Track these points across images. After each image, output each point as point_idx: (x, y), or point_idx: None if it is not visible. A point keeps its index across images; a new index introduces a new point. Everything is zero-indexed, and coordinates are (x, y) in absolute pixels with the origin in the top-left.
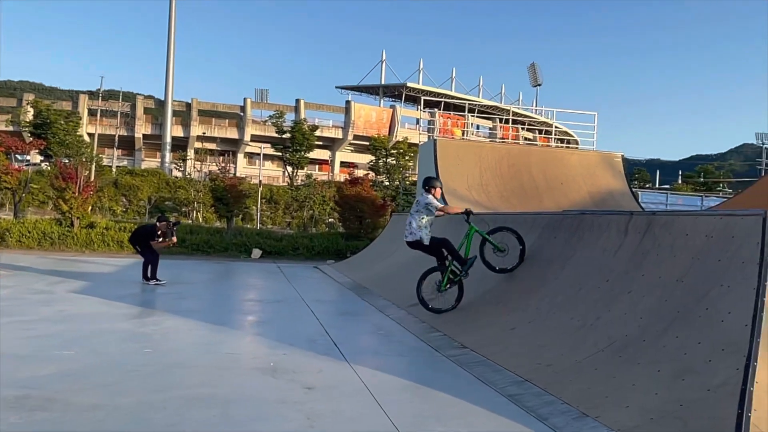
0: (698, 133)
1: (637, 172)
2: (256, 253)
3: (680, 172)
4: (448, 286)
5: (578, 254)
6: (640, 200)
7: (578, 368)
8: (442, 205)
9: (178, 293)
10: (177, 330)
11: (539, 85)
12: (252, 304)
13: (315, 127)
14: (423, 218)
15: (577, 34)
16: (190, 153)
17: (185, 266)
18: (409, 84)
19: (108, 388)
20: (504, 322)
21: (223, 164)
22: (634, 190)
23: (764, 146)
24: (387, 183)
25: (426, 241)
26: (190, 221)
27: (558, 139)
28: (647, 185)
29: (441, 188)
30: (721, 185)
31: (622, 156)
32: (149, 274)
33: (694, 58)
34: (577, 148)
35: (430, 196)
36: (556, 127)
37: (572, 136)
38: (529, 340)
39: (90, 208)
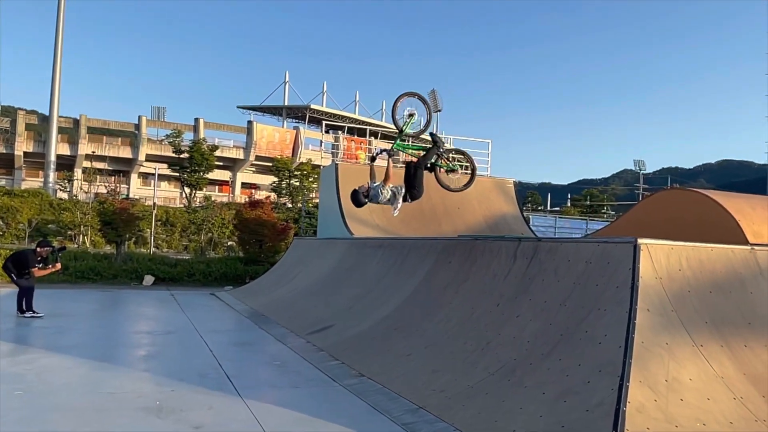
0: (585, 159)
1: (530, 195)
2: (149, 279)
3: (569, 195)
4: (452, 161)
5: (471, 279)
6: (531, 224)
7: (470, 393)
8: (378, 181)
9: (57, 327)
10: (54, 368)
11: (439, 111)
12: (140, 337)
13: (215, 147)
14: (396, 203)
15: (475, 53)
16: (78, 173)
17: (67, 296)
18: (312, 106)
19: None
20: (401, 348)
21: (113, 185)
22: (525, 214)
23: (641, 172)
24: (290, 205)
25: (412, 183)
26: (76, 246)
27: (462, 166)
28: (539, 207)
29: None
30: (605, 208)
31: (514, 182)
32: (24, 306)
33: (577, 89)
34: None
35: (373, 192)
36: (459, 153)
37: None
38: (425, 365)
39: None
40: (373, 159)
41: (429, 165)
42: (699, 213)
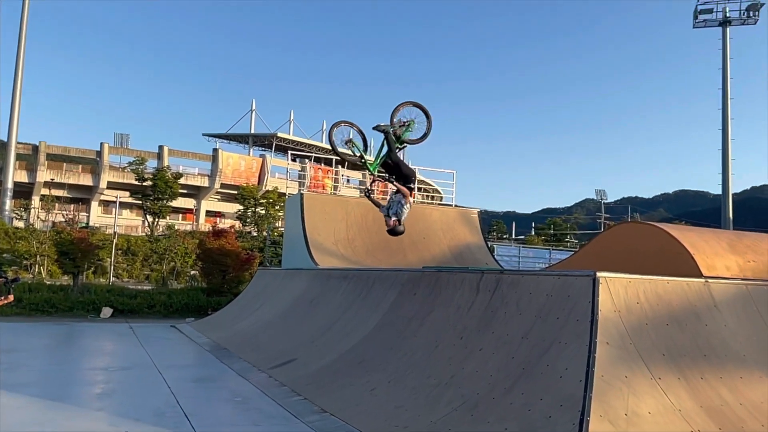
0: (549, 188)
1: (495, 224)
2: (107, 311)
3: (533, 224)
4: (402, 124)
5: (436, 311)
6: (495, 253)
7: (433, 429)
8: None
9: (7, 363)
10: (4, 408)
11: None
12: (95, 373)
13: (179, 175)
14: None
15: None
16: (36, 200)
17: (19, 330)
18: (279, 134)
19: None
20: (365, 382)
21: (71, 215)
22: (490, 243)
23: (602, 201)
24: (255, 233)
25: (403, 172)
26: (31, 276)
27: (429, 196)
28: (504, 236)
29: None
30: (568, 237)
31: (478, 212)
32: None
33: (540, 119)
34: (440, 201)
35: (399, 215)
36: (426, 183)
37: (440, 193)
38: (388, 400)
39: None
40: (368, 193)
41: (397, 146)
42: (656, 245)
